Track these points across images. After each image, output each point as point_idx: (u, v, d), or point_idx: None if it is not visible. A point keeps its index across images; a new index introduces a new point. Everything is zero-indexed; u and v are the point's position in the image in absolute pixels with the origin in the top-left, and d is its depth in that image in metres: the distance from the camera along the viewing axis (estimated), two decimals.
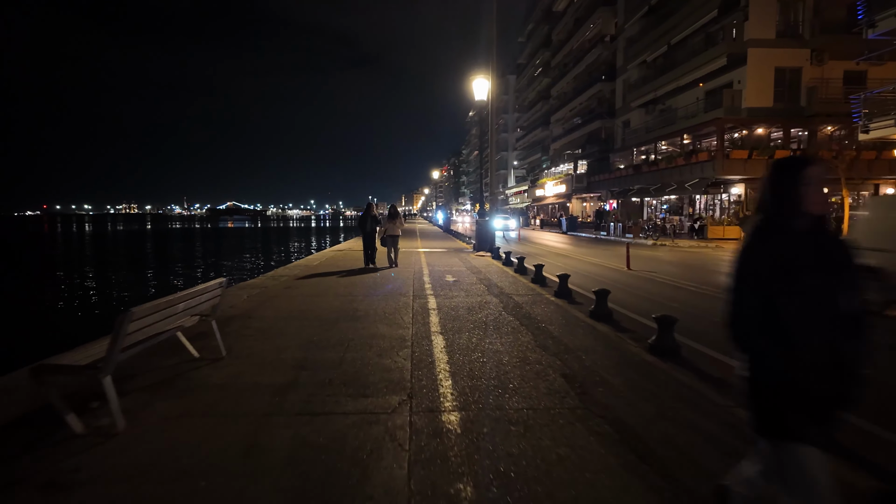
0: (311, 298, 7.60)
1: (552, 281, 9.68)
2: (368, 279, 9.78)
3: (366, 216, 11.11)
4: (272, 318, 6.24)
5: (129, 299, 16.53)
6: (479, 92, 16.89)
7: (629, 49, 34.33)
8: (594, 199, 41.87)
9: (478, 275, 10.63)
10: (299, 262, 13.26)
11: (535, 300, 7.61)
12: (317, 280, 9.67)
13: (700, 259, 16.01)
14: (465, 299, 7.58)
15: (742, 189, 23.33)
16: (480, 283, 9.33)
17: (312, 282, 9.43)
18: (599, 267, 13.53)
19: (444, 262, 13.11)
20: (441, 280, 9.71)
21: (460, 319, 6.14)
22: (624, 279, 11.09)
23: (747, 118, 22.65)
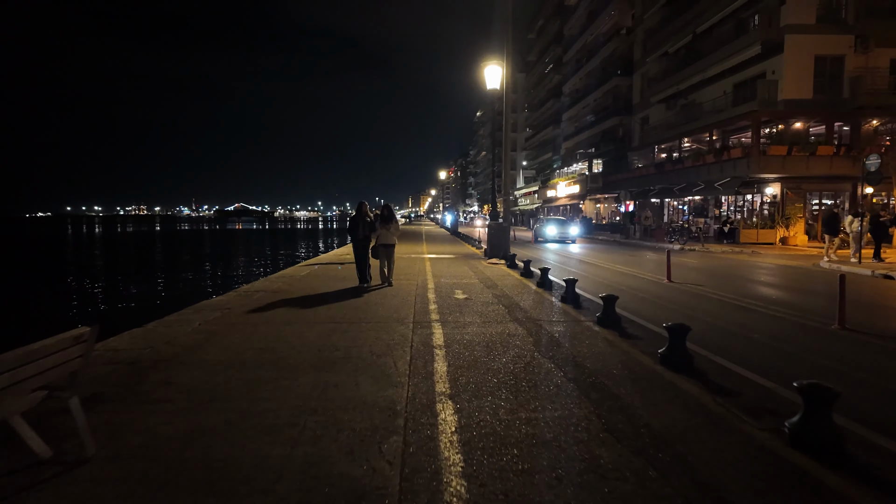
0: (279, 328, 5.82)
1: (587, 300, 7.84)
2: (359, 300, 7.98)
3: (357, 220, 8.94)
4: (214, 363, 4.46)
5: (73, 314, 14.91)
6: (491, 80, 15.06)
7: (648, 41, 32.37)
8: (609, 200, 39.87)
9: (493, 290, 8.81)
10: (284, 273, 11.50)
11: (574, 332, 5.76)
12: (295, 300, 7.89)
13: (743, 267, 14.08)
14: (482, 329, 5.77)
15: (778, 189, 21.32)
16: (498, 303, 7.50)
17: (289, 301, 7.66)
18: (633, 278, 11.65)
19: (453, 272, 11.29)
20: (449, 298, 7.90)
21: (478, 367, 4.32)
22: (670, 295, 9.21)
23: (785, 111, 20.65)
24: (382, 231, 8.90)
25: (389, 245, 9.04)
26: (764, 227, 21.18)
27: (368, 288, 8.75)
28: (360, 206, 9.05)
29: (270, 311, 6.75)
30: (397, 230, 9.04)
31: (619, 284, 10.51)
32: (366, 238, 8.92)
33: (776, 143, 19.70)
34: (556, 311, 6.97)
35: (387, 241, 8.96)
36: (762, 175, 20.53)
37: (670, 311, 7.66)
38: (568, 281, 7.63)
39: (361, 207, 9.03)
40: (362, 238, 8.91)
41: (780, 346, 5.70)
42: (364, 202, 9.02)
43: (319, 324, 5.99)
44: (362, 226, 8.90)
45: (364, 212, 9.00)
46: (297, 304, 7.29)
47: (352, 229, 9.01)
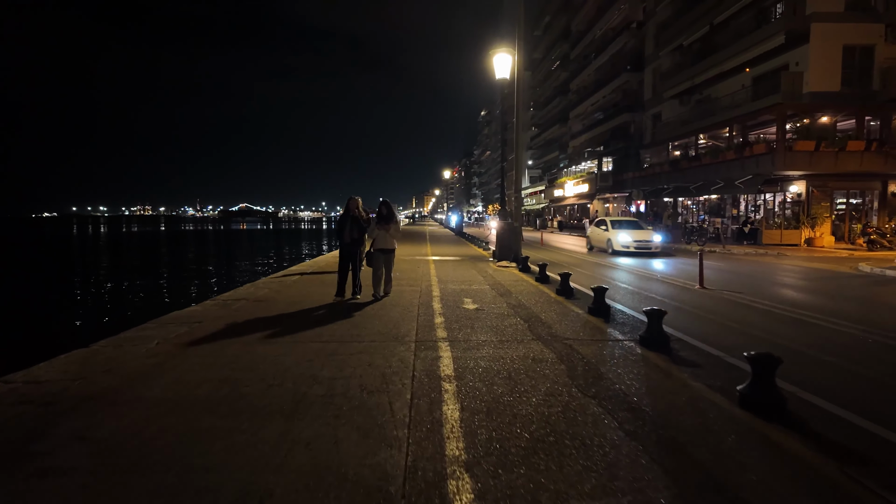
0: (252, 350, 4.77)
1: (619, 311, 6.76)
2: (355, 312, 6.93)
3: (344, 220, 7.34)
4: (155, 402, 3.42)
5: None
6: (500, 69, 13.97)
7: (661, 34, 31.21)
8: (618, 200, 38.70)
9: (507, 298, 7.74)
10: (274, 277, 10.46)
11: (614, 356, 4.67)
12: (279, 311, 6.85)
13: (776, 271, 12.93)
14: (500, 351, 4.70)
15: (803, 186, 20.14)
16: (515, 315, 6.43)
17: (272, 313, 6.62)
18: (658, 283, 10.55)
19: (460, 277, 10.23)
20: (457, 308, 6.83)
21: (501, 412, 3.26)
22: (708, 304, 8.09)
23: (811, 104, 19.46)
24: (380, 233, 7.29)
25: (388, 251, 7.37)
26: (788, 227, 19.99)
27: (357, 304, 6.99)
28: (348, 203, 7.43)
29: (247, 326, 5.69)
30: (398, 233, 7.39)
31: (646, 291, 9.42)
32: (355, 242, 7.34)
33: (803, 138, 18.51)
34: (585, 325, 5.88)
35: (385, 246, 7.31)
36: (787, 172, 19.35)
37: (718, 326, 6.56)
38: (597, 290, 6.53)
39: (350, 204, 7.41)
40: (350, 242, 7.31)
41: (879, 378, 4.60)
42: (354, 197, 7.39)
43: (302, 343, 4.93)
44: (350, 226, 7.27)
45: (353, 209, 7.36)
46: (280, 316, 6.24)
47: (338, 230, 7.43)
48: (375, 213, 7.61)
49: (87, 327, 11.97)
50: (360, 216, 7.44)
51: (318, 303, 7.10)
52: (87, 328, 11.85)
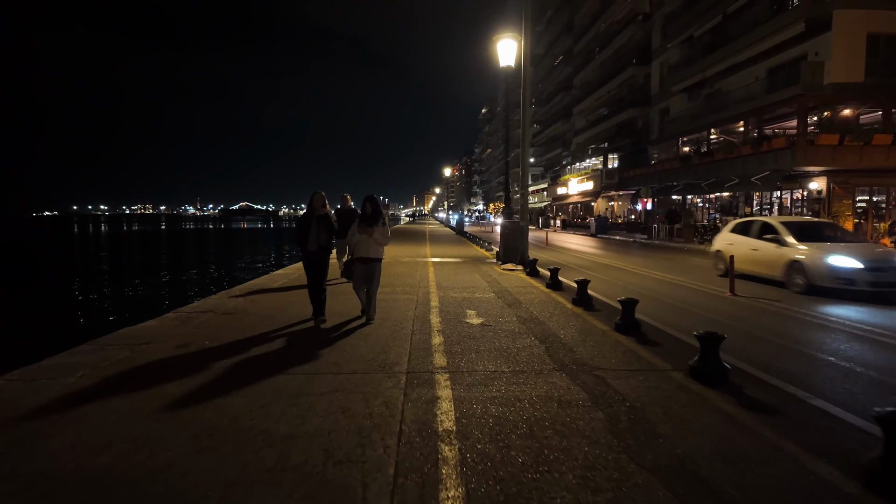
0: (197, 385, 3.74)
1: (650, 326, 5.72)
2: (336, 328, 5.89)
3: (307, 222, 5.66)
4: (26, 482, 2.38)
5: None
6: (504, 56, 12.91)
7: (669, 26, 30.06)
8: (624, 198, 37.61)
9: (516, 309, 6.69)
10: (253, 283, 9.40)
11: (666, 397, 3.60)
12: (245, 330, 5.81)
13: None
14: (515, 389, 3.65)
15: (823, 183, 19.03)
16: (528, 333, 5.38)
17: (235, 332, 5.58)
18: (682, 289, 9.49)
19: (462, 282, 9.18)
20: (459, 323, 5.78)
21: (526, 499, 2.22)
22: (748, 316, 7.03)
23: (833, 96, 18.34)
24: (361, 238, 5.63)
25: (372, 261, 5.69)
26: None
27: (342, 322, 5.75)
28: (311, 200, 5.68)
29: (200, 352, 4.65)
30: (386, 237, 5.71)
31: (671, 298, 8.36)
32: (322, 250, 5.69)
33: (826, 132, 17.40)
34: (615, 348, 4.83)
35: (367, 254, 5.65)
36: (808, 168, 18.25)
37: (777, 347, 5.50)
38: (626, 304, 5.48)
39: (314, 201, 5.67)
40: (316, 250, 5.62)
41: None
42: (319, 192, 5.74)
43: (261, 377, 3.89)
44: (315, 230, 5.60)
45: (318, 207, 5.65)
46: (242, 338, 5.18)
47: (299, 235, 5.63)
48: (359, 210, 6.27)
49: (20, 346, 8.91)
50: (330, 216, 5.81)
51: (295, 318, 6.05)
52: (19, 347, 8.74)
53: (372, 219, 5.66)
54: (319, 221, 5.65)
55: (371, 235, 5.63)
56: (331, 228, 5.76)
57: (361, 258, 5.70)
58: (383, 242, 5.75)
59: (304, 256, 5.78)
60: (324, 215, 5.72)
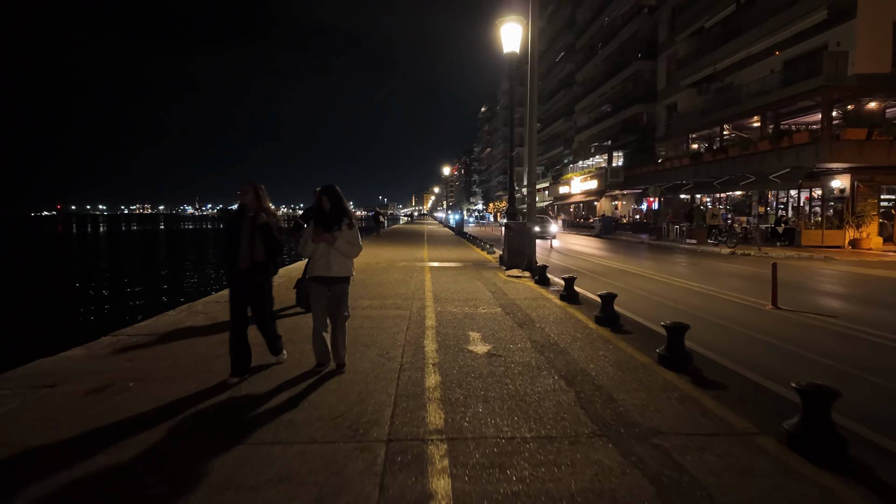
0: (70, 478, 2.55)
1: (705, 359, 4.54)
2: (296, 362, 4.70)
3: (236, 228, 3.81)
4: None
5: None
6: (509, 42, 11.74)
7: (677, 18, 28.91)
8: (628, 197, 36.46)
9: (530, 331, 5.51)
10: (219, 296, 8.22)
11: (763, 489, 2.43)
12: (180, 366, 4.62)
13: (852, 282, 10.75)
14: (546, 477, 2.46)
15: (847, 181, 17.88)
16: (549, 368, 4.20)
17: (168, 369, 4.40)
18: (715, 300, 8.31)
19: (463, 293, 8.00)
20: (461, 353, 4.59)
21: None
22: (809, 338, 5.85)
23: (860, 88, 17.18)
24: (317, 248, 3.92)
25: (334, 281, 3.95)
26: (830, 227, 17.74)
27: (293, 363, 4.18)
28: (243, 197, 3.85)
29: (113, 399, 3.47)
30: (354, 245, 3.97)
31: (705, 312, 7.19)
32: (258, 269, 3.83)
33: (852, 126, 16.26)
34: (668, 392, 3.65)
35: (327, 272, 3.92)
36: (832, 164, 17.11)
37: (870, 387, 4.32)
38: (673, 330, 4.29)
39: (247, 198, 3.83)
40: (248, 269, 3.79)
41: None
42: (254, 186, 3.85)
43: (174, 450, 2.71)
44: (248, 240, 3.78)
45: (253, 208, 3.84)
46: (180, 375, 4.01)
47: (228, 247, 3.82)
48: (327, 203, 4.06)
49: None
50: (269, 221, 3.83)
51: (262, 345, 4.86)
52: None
53: (331, 219, 3.87)
54: (256, 228, 3.79)
55: (331, 244, 3.85)
56: (272, 242, 3.82)
57: (318, 277, 3.93)
58: (351, 253, 3.96)
59: (230, 278, 3.88)
60: (263, 223, 3.79)
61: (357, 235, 4.00)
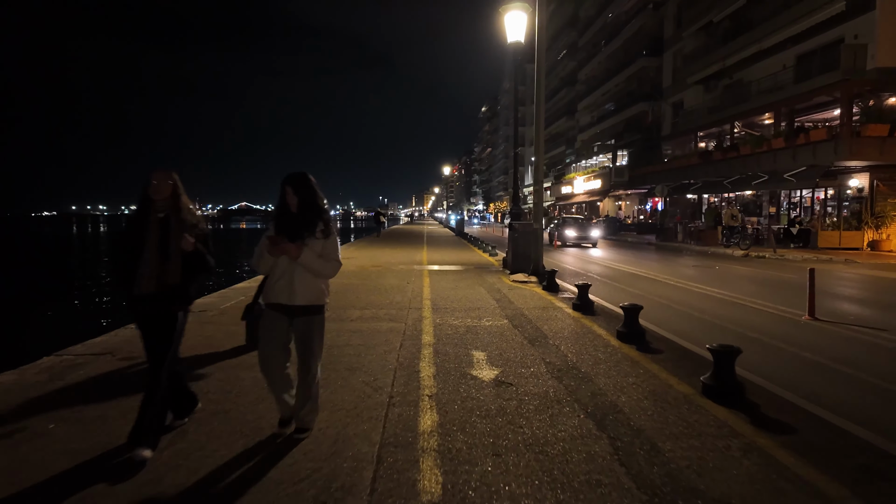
0: None
1: (755, 386, 3.77)
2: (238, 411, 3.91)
3: (137, 234, 2.60)
4: None
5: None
6: (513, 30, 11.02)
7: (684, 13, 28.15)
8: (632, 197, 35.69)
9: (543, 349, 4.74)
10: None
11: None
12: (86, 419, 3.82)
13: (871, 285, 9.98)
14: None
15: (865, 180, 17.12)
16: (573, 402, 3.43)
17: (83, 412, 3.62)
18: (739, 308, 7.53)
19: (464, 300, 7.22)
20: (464, 382, 3.81)
21: None
22: (864, 359, 5.07)
23: (878, 81, 16.40)
24: (281, 266, 2.73)
25: (303, 311, 2.77)
26: (848, 228, 16.97)
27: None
28: (145, 190, 2.63)
29: (15, 451, 2.70)
30: (330, 259, 2.79)
31: (735, 324, 6.41)
32: (164, 295, 2.61)
33: (874, 121, 15.48)
34: (727, 440, 2.88)
35: (291, 299, 2.73)
36: (851, 162, 16.34)
37: None
38: (720, 354, 3.52)
39: (150, 190, 2.63)
40: (154, 293, 2.58)
41: None
42: (171, 174, 2.69)
43: None
44: (157, 250, 2.59)
45: (160, 197, 2.65)
46: (100, 421, 3.24)
47: (124, 264, 2.64)
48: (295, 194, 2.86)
49: None
50: (198, 225, 2.77)
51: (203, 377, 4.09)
52: None
53: (299, 223, 2.73)
54: (173, 235, 2.61)
55: (295, 258, 2.67)
56: (198, 258, 2.69)
57: (277, 305, 2.75)
58: (326, 271, 2.78)
59: (131, 308, 2.66)
60: (187, 227, 2.66)
61: (335, 246, 2.83)
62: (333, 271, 2.83)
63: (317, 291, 2.80)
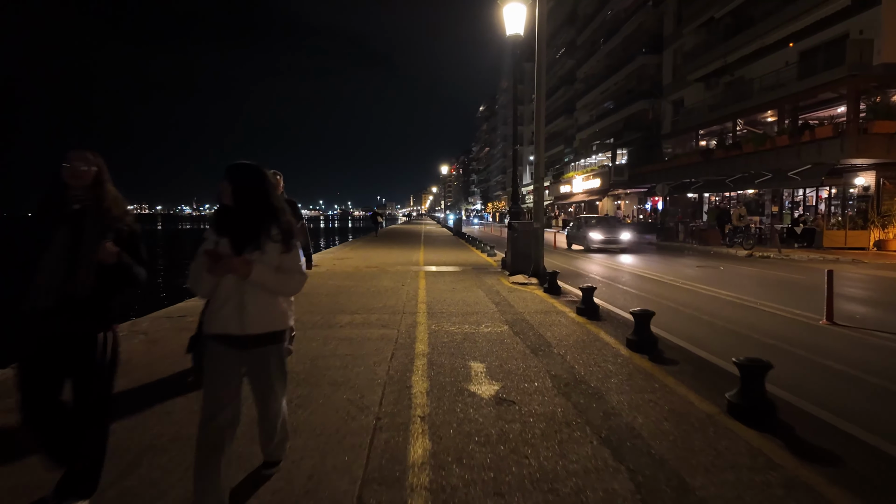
0: None
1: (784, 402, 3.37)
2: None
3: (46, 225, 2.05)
4: None
5: None
6: (512, 23, 10.67)
7: (684, 9, 27.79)
8: (632, 196, 35.34)
9: (548, 359, 4.34)
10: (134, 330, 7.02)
11: None
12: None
13: (880, 285, 9.61)
14: None
15: (871, 178, 16.78)
16: (584, 424, 3.03)
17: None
18: (752, 311, 7.15)
19: (462, 304, 6.82)
20: (461, 400, 3.41)
21: None
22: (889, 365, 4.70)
23: (884, 77, 16.05)
24: (226, 286, 2.07)
25: (258, 341, 2.12)
26: (854, 227, 16.62)
27: None
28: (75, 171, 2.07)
29: None
30: (293, 273, 2.16)
31: (749, 329, 6.03)
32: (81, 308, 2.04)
33: (882, 118, 15.13)
34: (764, 471, 2.48)
35: (241, 327, 2.07)
36: (857, 160, 15.99)
37: None
38: (748, 369, 3.13)
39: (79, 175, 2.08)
40: (59, 306, 1.99)
41: None
42: (81, 156, 2.09)
43: None
44: (66, 252, 2.00)
45: (86, 197, 2.09)
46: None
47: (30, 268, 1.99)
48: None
49: None
50: (111, 213, 2.14)
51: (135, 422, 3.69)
52: None
53: (249, 228, 2.11)
54: (91, 233, 2.05)
55: (245, 276, 2.05)
56: (122, 267, 2.12)
57: (223, 337, 2.10)
58: (288, 287, 2.21)
59: (26, 330, 2.05)
60: (100, 213, 2.11)
61: (297, 256, 2.20)
62: (298, 286, 2.23)
63: (277, 314, 2.17)
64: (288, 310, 2.27)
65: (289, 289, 2.21)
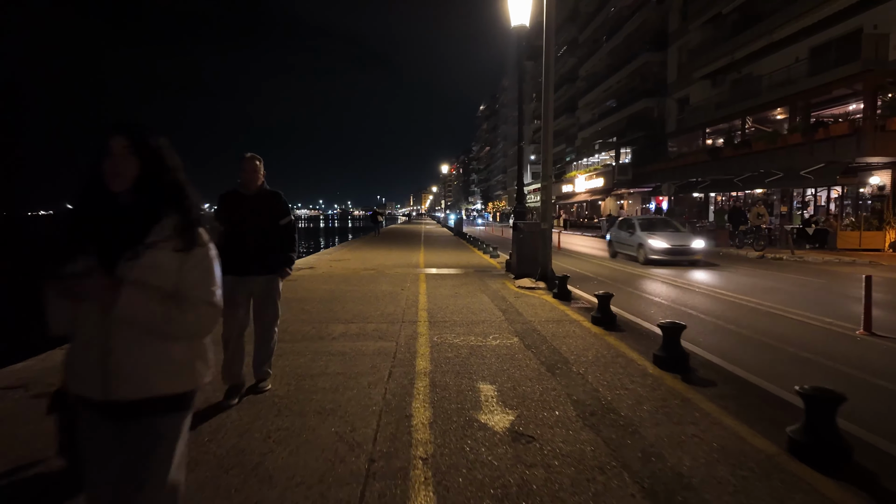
0: None
1: (858, 440, 2.82)
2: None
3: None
4: None
5: None
6: (517, 13, 10.13)
7: (690, 6, 27.24)
8: (635, 196, 34.82)
9: (567, 381, 3.82)
10: None
11: None
12: None
13: None
14: None
15: (887, 177, 16.24)
16: (620, 468, 2.49)
17: None
18: (780, 319, 6.62)
19: (466, 313, 6.28)
20: (469, 434, 2.87)
21: None
22: None
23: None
24: (86, 324, 1.29)
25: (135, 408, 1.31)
26: (868, 228, 16.10)
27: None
28: None
29: None
30: (194, 304, 1.30)
31: (780, 340, 5.50)
32: None
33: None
34: None
35: (106, 390, 1.28)
36: (874, 158, 15.46)
37: None
38: (818, 403, 2.61)
39: None
40: None
41: None
42: None
43: None
44: None
45: None
46: None
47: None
48: None
49: None
50: None
51: None
52: None
53: (126, 218, 1.32)
54: None
55: (108, 304, 1.23)
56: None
57: (86, 401, 1.33)
58: (179, 328, 1.31)
59: None
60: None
61: (210, 268, 1.38)
62: (201, 324, 1.35)
63: (168, 368, 1.34)
64: (196, 360, 1.39)
65: (183, 328, 1.31)
